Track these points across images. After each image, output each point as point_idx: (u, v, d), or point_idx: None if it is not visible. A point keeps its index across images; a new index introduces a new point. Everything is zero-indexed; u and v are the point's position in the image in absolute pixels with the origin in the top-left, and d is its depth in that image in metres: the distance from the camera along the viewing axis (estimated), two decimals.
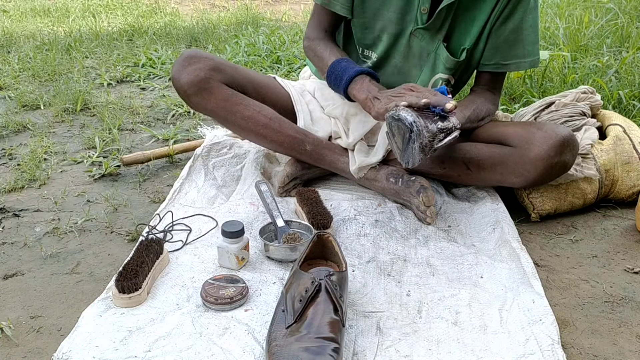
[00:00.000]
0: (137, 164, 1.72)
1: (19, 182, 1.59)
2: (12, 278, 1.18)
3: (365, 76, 1.33)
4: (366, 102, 1.29)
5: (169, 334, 0.96)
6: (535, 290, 1.09)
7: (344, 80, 1.33)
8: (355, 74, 1.33)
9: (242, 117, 1.40)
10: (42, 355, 0.96)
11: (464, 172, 1.39)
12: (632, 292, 1.15)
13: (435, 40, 1.38)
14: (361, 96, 1.30)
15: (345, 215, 1.38)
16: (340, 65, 1.36)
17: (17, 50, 3.13)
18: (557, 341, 0.96)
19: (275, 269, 1.17)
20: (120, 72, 2.74)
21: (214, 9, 4.83)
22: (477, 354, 0.94)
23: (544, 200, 1.42)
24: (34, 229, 1.37)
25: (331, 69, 1.38)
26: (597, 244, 1.33)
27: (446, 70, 1.41)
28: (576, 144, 1.30)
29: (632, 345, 1.00)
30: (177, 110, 2.21)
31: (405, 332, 0.99)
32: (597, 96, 1.59)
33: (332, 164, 1.48)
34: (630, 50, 2.45)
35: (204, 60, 1.37)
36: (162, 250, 1.15)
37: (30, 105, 2.27)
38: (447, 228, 1.35)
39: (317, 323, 0.91)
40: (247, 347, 0.93)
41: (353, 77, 1.33)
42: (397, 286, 1.12)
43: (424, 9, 1.34)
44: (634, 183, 1.47)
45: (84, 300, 1.09)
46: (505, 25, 1.36)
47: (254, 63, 2.84)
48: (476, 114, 1.39)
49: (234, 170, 1.60)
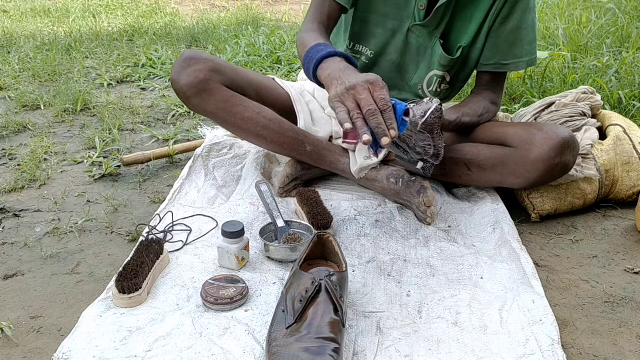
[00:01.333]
0: (137, 164, 1.72)
1: (19, 182, 1.59)
2: (12, 278, 1.18)
3: (338, 57, 1.18)
4: (327, 79, 1.13)
5: (169, 334, 0.96)
6: (535, 291, 1.09)
7: (314, 60, 1.18)
8: (328, 55, 1.18)
9: (241, 118, 1.40)
10: (42, 355, 0.96)
11: (464, 172, 1.39)
12: (632, 292, 1.15)
13: (432, 37, 1.39)
14: (324, 73, 1.15)
15: (345, 215, 1.38)
16: (317, 48, 1.22)
17: (17, 50, 3.13)
18: (557, 341, 0.96)
19: (275, 269, 1.17)
20: (120, 72, 2.74)
21: (214, 9, 4.83)
22: (477, 354, 0.94)
23: (544, 200, 1.42)
24: (34, 229, 1.37)
25: (307, 53, 1.23)
26: (597, 244, 1.33)
27: (440, 67, 1.42)
28: (576, 145, 1.30)
29: (632, 345, 1.00)
30: (177, 110, 2.21)
31: (406, 332, 0.99)
32: (597, 96, 1.60)
33: (332, 164, 1.48)
34: (630, 50, 2.45)
35: (203, 62, 1.37)
36: (162, 250, 1.15)
37: (30, 105, 2.27)
38: (447, 228, 1.35)
39: (317, 323, 0.91)
40: (247, 347, 0.93)
41: (325, 57, 1.18)
42: (397, 286, 1.12)
43: (422, 5, 1.34)
44: (634, 183, 1.47)
45: (84, 300, 1.09)
46: (504, 25, 1.36)
47: (254, 63, 2.84)
48: (473, 109, 1.40)
49: (234, 170, 1.60)
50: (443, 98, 1.54)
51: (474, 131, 1.44)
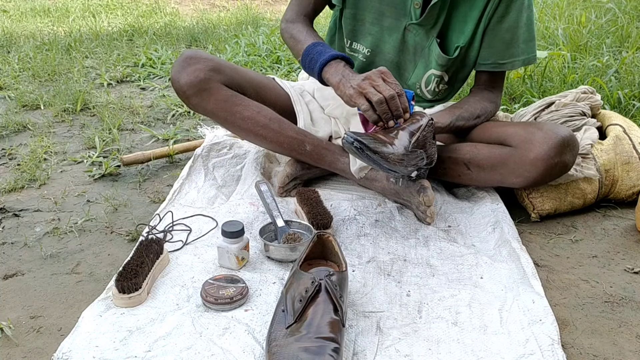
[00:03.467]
0: (137, 164, 1.72)
1: (19, 182, 1.59)
2: (12, 278, 1.18)
3: (340, 60, 1.31)
4: (339, 85, 1.26)
5: (169, 334, 0.96)
6: (535, 291, 1.09)
7: (318, 63, 1.31)
8: (330, 58, 1.31)
9: (241, 117, 1.40)
10: (42, 355, 0.96)
11: (464, 172, 1.39)
12: (632, 292, 1.15)
13: (429, 36, 1.39)
14: (335, 79, 1.28)
15: (345, 215, 1.38)
16: (316, 49, 1.35)
17: (17, 50, 3.13)
18: (557, 341, 0.96)
19: (275, 269, 1.17)
20: (120, 72, 2.74)
21: (214, 9, 4.83)
22: (477, 354, 0.94)
23: (544, 200, 1.42)
24: (34, 229, 1.37)
25: (306, 52, 1.36)
26: (597, 244, 1.33)
27: (438, 66, 1.43)
28: (576, 144, 1.30)
29: (632, 345, 1.00)
30: (177, 110, 2.21)
31: (406, 332, 0.99)
32: (597, 96, 1.60)
33: (332, 164, 1.48)
34: (629, 50, 2.45)
35: (204, 61, 1.37)
36: (162, 250, 1.15)
37: (30, 105, 2.27)
38: (447, 228, 1.35)
39: (317, 323, 0.91)
40: (247, 347, 0.93)
41: (328, 60, 1.31)
42: (397, 286, 1.12)
43: (417, 4, 1.35)
44: (634, 183, 1.47)
45: (84, 300, 1.09)
46: (500, 25, 1.36)
47: (254, 63, 2.84)
48: (469, 112, 1.40)
49: (234, 170, 1.60)
50: (442, 98, 1.54)
51: (474, 131, 1.44)
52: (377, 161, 1.15)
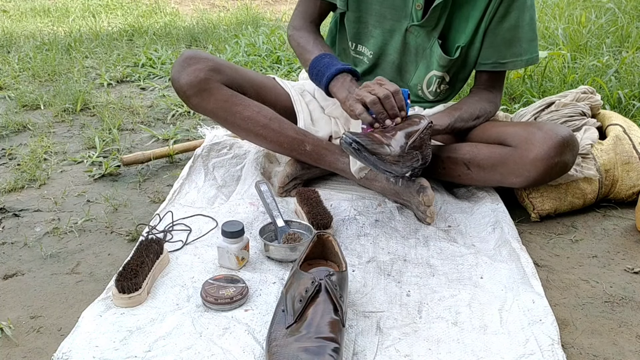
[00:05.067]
0: (137, 164, 1.72)
1: (19, 182, 1.59)
2: (12, 278, 1.18)
3: (347, 74, 1.35)
4: (345, 102, 1.30)
5: (169, 334, 0.96)
6: (535, 291, 1.09)
7: (325, 77, 1.36)
8: (337, 72, 1.34)
9: (241, 117, 1.40)
10: (42, 355, 0.96)
11: (464, 172, 1.39)
12: (632, 292, 1.15)
13: (430, 37, 1.39)
14: (341, 95, 1.32)
15: (345, 215, 1.38)
16: (323, 61, 1.38)
17: (17, 50, 3.13)
18: (557, 341, 0.96)
19: (275, 269, 1.17)
20: (120, 72, 2.74)
21: (214, 9, 4.83)
22: (477, 354, 0.94)
23: (544, 200, 1.42)
24: (34, 229, 1.37)
25: (314, 63, 1.40)
26: (597, 244, 1.33)
27: (439, 67, 1.43)
28: (576, 144, 1.30)
29: (632, 345, 1.00)
30: (177, 110, 2.21)
31: (405, 332, 0.99)
32: (597, 96, 1.59)
33: (332, 164, 1.48)
34: (629, 50, 2.45)
35: (204, 61, 1.37)
36: (162, 250, 1.15)
37: (30, 105, 2.27)
38: (447, 228, 1.35)
39: (317, 323, 0.91)
40: (247, 347, 0.93)
41: (335, 74, 1.35)
42: (397, 286, 1.12)
43: (419, 5, 1.35)
44: (634, 183, 1.47)
45: (84, 300, 1.09)
46: (501, 25, 1.36)
47: (254, 63, 2.84)
48: (469, 113, 1.40)
49: (234, 170, 1.60)
50: (443, 98, 1.54)
51: (474, 131, 1.44)
52: (374, 162, 1.17)
